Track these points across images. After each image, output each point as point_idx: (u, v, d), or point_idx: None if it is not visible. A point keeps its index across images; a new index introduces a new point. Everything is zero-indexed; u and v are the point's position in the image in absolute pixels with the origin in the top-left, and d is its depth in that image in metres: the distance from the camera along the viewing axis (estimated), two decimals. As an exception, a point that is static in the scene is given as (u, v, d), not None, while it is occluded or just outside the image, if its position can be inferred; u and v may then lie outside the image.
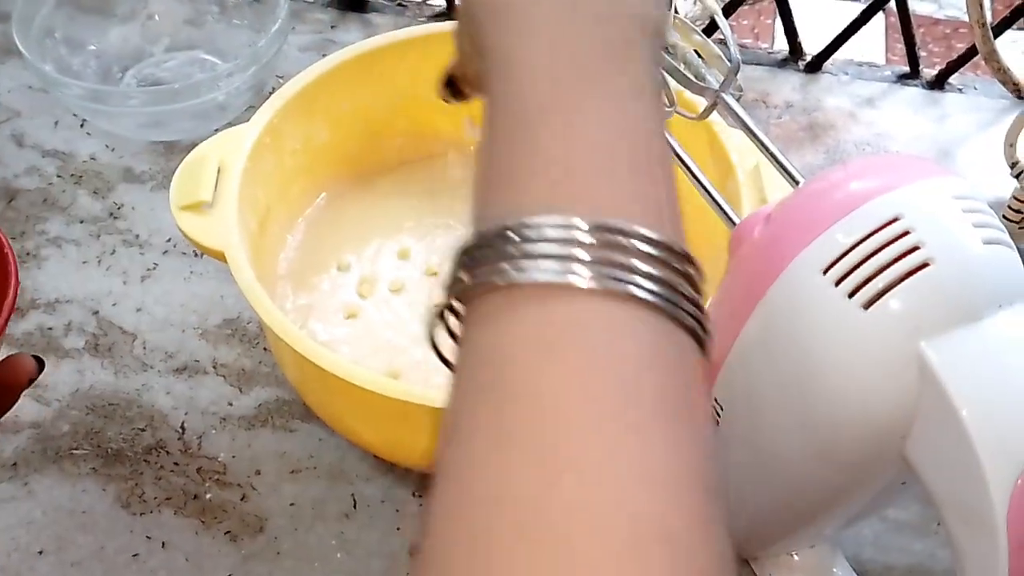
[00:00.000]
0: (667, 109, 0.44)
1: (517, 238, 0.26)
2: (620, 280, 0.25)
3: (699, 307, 0.27)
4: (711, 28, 0.69)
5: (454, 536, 0.24)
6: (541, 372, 0.25)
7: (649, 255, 0.26)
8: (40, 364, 0.40)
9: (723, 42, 0.43)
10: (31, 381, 0.40)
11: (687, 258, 0.27)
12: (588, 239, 0.26)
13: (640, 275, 0.26)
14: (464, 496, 0.24)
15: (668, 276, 0.26)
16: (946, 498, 0.34)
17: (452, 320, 0.28)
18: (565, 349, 0.25)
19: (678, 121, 0.45)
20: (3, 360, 0.40)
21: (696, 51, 0.45)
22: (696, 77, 0.43)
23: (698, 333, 0.27)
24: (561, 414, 0.24)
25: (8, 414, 0.43)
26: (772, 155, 0.42)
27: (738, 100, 0.43)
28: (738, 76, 0.43)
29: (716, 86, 0.43)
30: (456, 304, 0.28)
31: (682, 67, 0.43)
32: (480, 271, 0.27)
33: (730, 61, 0.42)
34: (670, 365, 0.26)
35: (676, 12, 0.46)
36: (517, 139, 0.28)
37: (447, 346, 0.29)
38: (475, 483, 0.24)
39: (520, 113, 0.29)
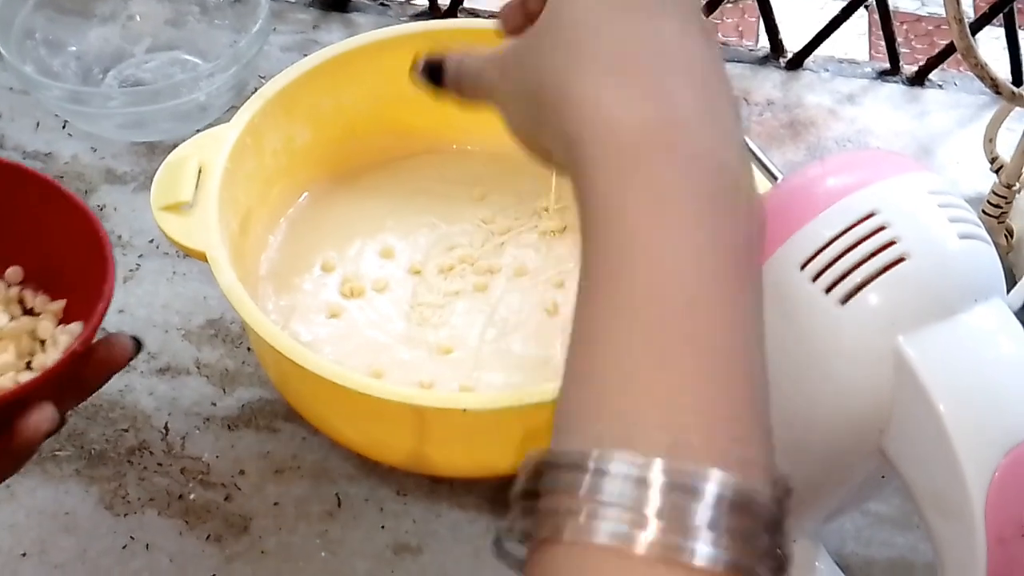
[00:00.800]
0: None
1: (593, 468, 0.25)
2: (683, 549, 0.24)
3: (778, 557, 0.25)
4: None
5: None
6: None
7: (726, 507, 0.24)
8: (138, 345, 0.39)
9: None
10: (128, 360, 0.39)
11: (774, 504, 0.25)
12: (661, 481, 0.24)
13: (711, 536, 0.24)
14: None
15: (747, 529, 0.24)
16: (924, 491, 0.34)
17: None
18: None
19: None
20: (102, 339, 0.39)
21: None
22: None
23: None
24: None
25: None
26: (751, 151, 0.42)
27: None
28: None
29: None
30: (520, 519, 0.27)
31: None
32: (551, 502, 0.25)
33: None
34: None
35: None
36: (636, 335, 0.26)
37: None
38: None
39: (646, 308, 0.26)
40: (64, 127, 0.68)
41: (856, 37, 1.75)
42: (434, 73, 0.37)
